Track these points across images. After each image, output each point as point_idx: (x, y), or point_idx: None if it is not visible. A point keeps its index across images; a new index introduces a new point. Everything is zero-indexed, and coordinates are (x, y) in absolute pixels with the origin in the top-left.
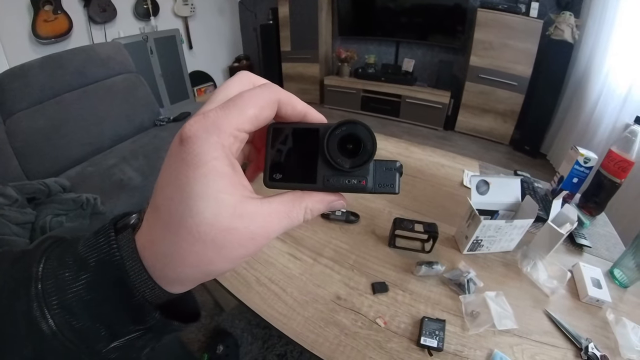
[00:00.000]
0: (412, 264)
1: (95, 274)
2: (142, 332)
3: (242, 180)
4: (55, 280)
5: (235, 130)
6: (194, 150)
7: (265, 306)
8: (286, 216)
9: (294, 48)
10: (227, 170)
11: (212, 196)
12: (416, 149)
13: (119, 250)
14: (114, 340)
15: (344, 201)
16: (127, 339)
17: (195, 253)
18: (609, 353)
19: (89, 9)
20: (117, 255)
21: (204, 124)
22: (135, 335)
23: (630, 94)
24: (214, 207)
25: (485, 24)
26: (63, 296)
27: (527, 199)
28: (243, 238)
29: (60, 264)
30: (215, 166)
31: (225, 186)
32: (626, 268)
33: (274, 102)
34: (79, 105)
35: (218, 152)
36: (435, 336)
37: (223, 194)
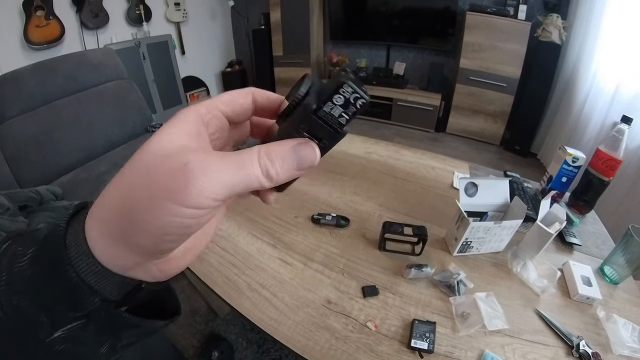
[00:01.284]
0: (402, 267)
1: (39, 248)
2: (82, 322)
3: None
4: (8, 256)
5: (210, 107)
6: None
7: (257, 311)
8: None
9: (286, 52)
10: (190, 127)
11: (165, 134)
12: (406, 152)
13: (67, 222)
14: (55, 328)
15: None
16: (69, 329)
17: (130, 182)
18: (601, 350)
19: (81, 15)
20: (61, 227)
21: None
22: (76, 324)
23: (617, 92)
24: (162, 140)
25: (474, 27)
26: (10, 271)
27: (516, 199)
28: (176, 168)
29: (18, 242)
30: (182, 121)
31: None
32: (616, 265)
33: (246, 92)
34: (71, 111)
35: (190, 114)
36: (426, 338)
37: (175, 136)
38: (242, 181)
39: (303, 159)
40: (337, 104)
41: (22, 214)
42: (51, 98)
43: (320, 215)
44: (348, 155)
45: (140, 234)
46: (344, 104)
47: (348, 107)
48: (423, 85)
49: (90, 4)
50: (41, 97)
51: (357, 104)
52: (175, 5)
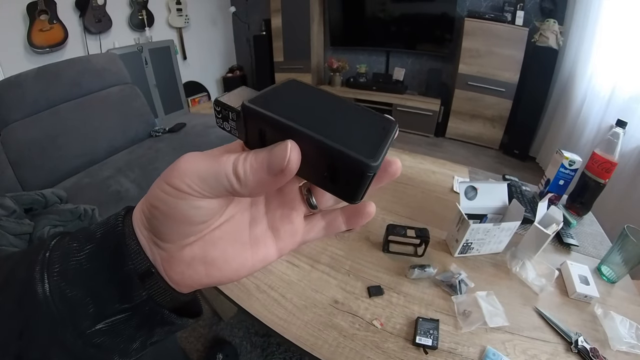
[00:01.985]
0: (405, 268)
1: (98, 245)
2: (127, 315)
3: None
4: (63, 250)
5: None
6: None
7: (266, 312)
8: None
9: (287, 58)
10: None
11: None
12: (407, 157)
13: (123, 222)
14: (99, 320)
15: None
16: (113, 321)
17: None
18: (599, 345)
19: (84, 19)
20: (120, 226)
21: None
22: (120, 317)
23: (613, 96)
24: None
25: (472, 33)
26: (65, 264)
27: (514, 202)
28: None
29: (71, 239)
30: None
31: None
32: (613, 264)
33: None
34: (75, 116)
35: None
36: (430, 335)
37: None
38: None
39: (274, 158)
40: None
41: (27, 216)
42: (55, 102)
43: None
44: None
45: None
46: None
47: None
48: (422, 90)
49: (93, 9)
50: (45, 101)
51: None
52: (178, 11)
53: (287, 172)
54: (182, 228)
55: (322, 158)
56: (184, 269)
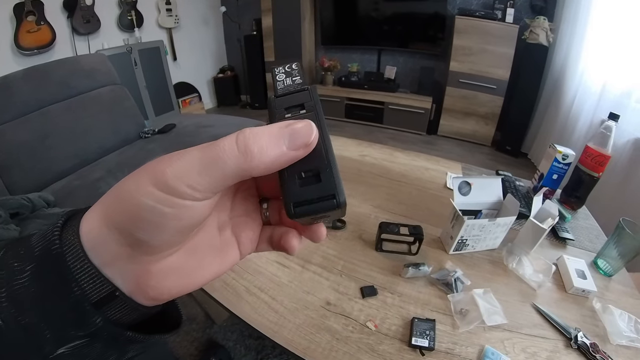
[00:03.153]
0: (399, 267)
1: (38, 265)
2: (87, 340)
3: None
4: (7, 270)
5: None
6: None
7: (256, 315)
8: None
9: (278, 58)
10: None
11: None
12: (400, 154)
13: (60, 236)
14: (60, 345)
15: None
16: (74, 346)
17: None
18: (599, 341)
19: (72, 20)
20: (57, 243)
21: None
22: (81, 342)
23: (604, 91)
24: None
25: (463, 31)
26: (10, 288)
27: (509, 197)
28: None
29: (12, 255)
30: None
31: None
32: (609, 258)
33: None
34: (64, 117)
35: None
36: (426, 336)
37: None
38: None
39: (296, 134)
40: (283, 79)
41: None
42: (44, 103)
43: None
44: (343, 158)
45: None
46: (286, 75)
47: (291, 74)
48: (414, 88)
49: (81, 10)
50: (34, 103)
51: (293, 67)
52: (167, 11)
53: (310, 148)
54: (174, 238)
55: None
56: (159, 281)
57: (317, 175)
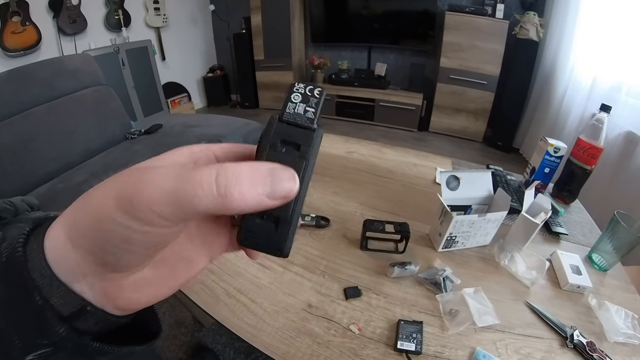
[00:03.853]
0: (385, 266)
1: (4, 270)
2: (51, 349)
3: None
4: None
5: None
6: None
7: (235, 319)
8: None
9: (268, 56)
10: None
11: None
12: (388, 150)
13: (24, 244)
14: (27, 352)
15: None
16: (40, 354)
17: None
18: (595, 338)
19: (58, 20)
20: (19, 251)
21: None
22: (45, 351)
23: (594, 85)
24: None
25: (453, 27)
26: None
27: (499, 191)
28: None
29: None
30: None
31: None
32: (604, 252)
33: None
34: (48, 119)
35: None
36: (413, 339)
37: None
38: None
39: (278, 185)
40: (297, 101)
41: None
42: (27, 106)
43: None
44: (329, 155)
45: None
46: (302, 99)
47: (308, 100)
48: (405, 85)
49: (67, 10)
50: (17, 105)
51: (315, 93)
52: (155, 10)
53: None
54: (143, 258)
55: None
56: (129, 293)
57: (276, 223)
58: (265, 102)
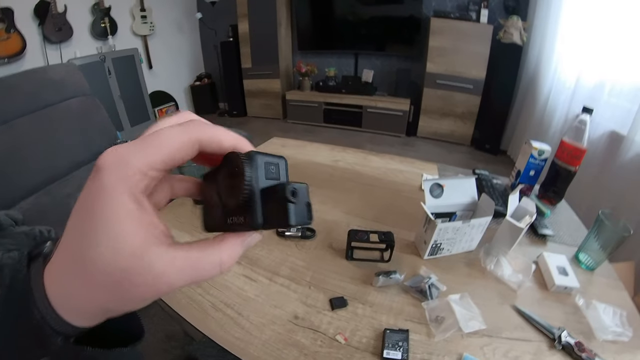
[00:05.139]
0: (371, 276)
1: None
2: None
3: (151, 219)
4: None
5: (145, 167)
6: (101, 182)
7: (222, 332)
8: (191, 267)
9: (255, 64)
10: (131, 208)
11: (112, 232)
12: (374, 158)
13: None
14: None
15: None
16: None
17: (91, 289)
18: (584, 338)
19: (43, 28)
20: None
21: (115, 157)
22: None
23: (578, 86)
24: (113, 244)
25: (439, 32)
26: None
27: (484, 196)
28: (141, 282)
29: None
30: (119, 202)
31: (127, 224)
32: (591, 251)
33: (192, 143)
34: (32, 131)
35: (124, 187)
36: (399, 347)
37: (124, 232)
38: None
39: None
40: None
41: None
42: (10, 117)
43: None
44: (314, 164)
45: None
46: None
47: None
48: (392, 91)
49: (53, 17)
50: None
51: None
52: (142, 18)
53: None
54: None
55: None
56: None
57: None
58: (253, 110)
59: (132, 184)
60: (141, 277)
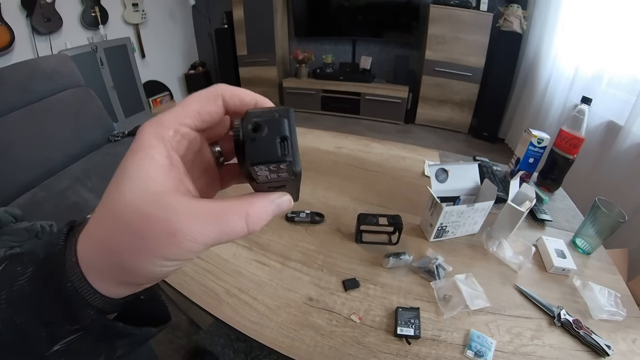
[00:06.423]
0: (380, 258)
1: (39, 267)
2: (80, 334)
3: (179, 176)
4: (8, 275)
5: (176, 124)
6: (138, 139)
7: (238, 317)
8: (216, 217)
9: (251, 52)
10: (161, 160)
11: (139, 178)
12: (376, 144)
13: (64, 242)
14: (54, 342)
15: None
16: (67, 342)
17: (115, 236)
18: (580, 316)
19: (32, 19)
20: (60, 245)
21: (152, 120)
22: (74, 337)
23: (576, 75)
24: (138, 189)
25: (438, 19)
26: (10, 290)
27: (486, 182)
28: (162, 232)
29: (17, 261)
30: (151, 153)
31: (155, 172)
32: (587, 236)
33: (215, 96)
34: (25, 125)
35: (157, 141)
36: (412, 324)
37: (150, 179)
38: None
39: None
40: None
41: None
42: (2, 112)
43: (294, 213)
44: (318, 151)
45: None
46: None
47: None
48: (390, 78)
49: (41, 8)
50: None
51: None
52: (133, 6)
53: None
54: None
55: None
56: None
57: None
58: None
59: (166, 140)
60: (162, 225)
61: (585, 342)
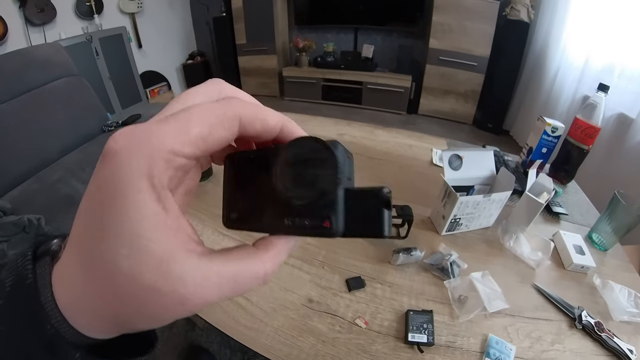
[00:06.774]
0: (388, 253)
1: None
2: None
3: (177, 222)
4: None
5: (169, 153)
6: (114, 173)
7: (231, 321)
8: (229, 283)
9: (250, 40)
10: (152, 208)
11: (132, 242)
12: (381, 132)
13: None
14: None
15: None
16: None
17: (110, 305)
18: (601, 318)
19: (25, 10)
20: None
21: (132, 139)
22: None
23: (586, 67)
24: (134, 257)
25: (443, 8)
26: None
27: (503, 170)
28: (168, 302)
29: None
30: (138, 201)
31: (148, 230)
32: (604, 232)
33: (231, 119)
34: (18, 115)
35: (143, 182)
36: (424, 330)
37: (145, 239)
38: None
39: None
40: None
41: None
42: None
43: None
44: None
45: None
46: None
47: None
48: (393, 67)
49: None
50: None
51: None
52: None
53: None
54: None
55: None
56: None
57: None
58: (249, 89)
59: (154, 175)
60: (168, 298)
61: (607, 346)
